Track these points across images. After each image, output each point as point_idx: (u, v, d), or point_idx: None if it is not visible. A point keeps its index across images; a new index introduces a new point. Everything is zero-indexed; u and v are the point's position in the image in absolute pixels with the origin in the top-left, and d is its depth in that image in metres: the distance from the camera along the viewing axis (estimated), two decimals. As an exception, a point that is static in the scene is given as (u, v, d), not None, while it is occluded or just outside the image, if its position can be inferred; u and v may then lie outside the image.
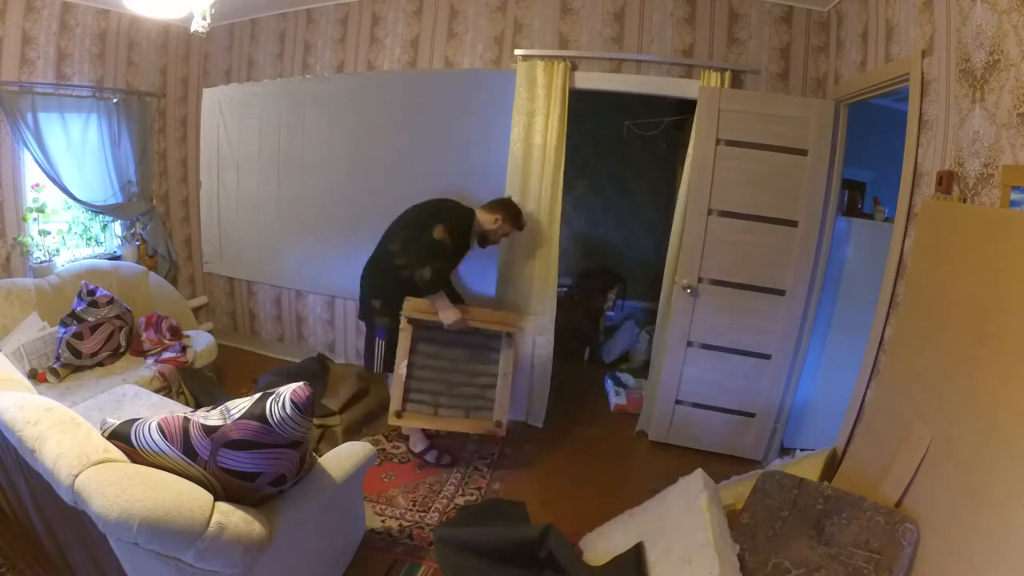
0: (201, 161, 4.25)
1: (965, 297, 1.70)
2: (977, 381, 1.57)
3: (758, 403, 3.19)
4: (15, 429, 1.52)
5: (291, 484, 1.67)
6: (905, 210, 2.22)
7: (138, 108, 3.81)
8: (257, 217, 4.15)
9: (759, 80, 3.13)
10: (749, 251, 3.05)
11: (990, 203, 1.69)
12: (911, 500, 1.72)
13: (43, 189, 3.37)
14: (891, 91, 2.47)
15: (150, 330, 3.29)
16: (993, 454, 1.44)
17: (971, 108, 1.80)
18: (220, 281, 4.45)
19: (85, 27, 3.44)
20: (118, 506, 1.28)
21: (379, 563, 2.25)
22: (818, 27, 3.06)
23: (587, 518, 2.64)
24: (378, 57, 3.63)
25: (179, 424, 1.53)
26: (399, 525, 2.50)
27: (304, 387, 1.59)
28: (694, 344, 3.21)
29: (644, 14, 3.17)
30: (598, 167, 5.65)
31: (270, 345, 4.37)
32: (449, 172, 3.59)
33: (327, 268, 4.02)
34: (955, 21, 1.89)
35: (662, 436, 3.36)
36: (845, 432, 2.43)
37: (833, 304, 3.12)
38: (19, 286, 3.04)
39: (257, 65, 3.97)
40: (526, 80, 3.24)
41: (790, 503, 1.90)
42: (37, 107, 3.21)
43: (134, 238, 3.96)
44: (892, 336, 2.18)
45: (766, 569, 1.69)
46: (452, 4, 3.44)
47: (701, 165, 3.03)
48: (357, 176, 3.81)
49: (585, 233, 5.78)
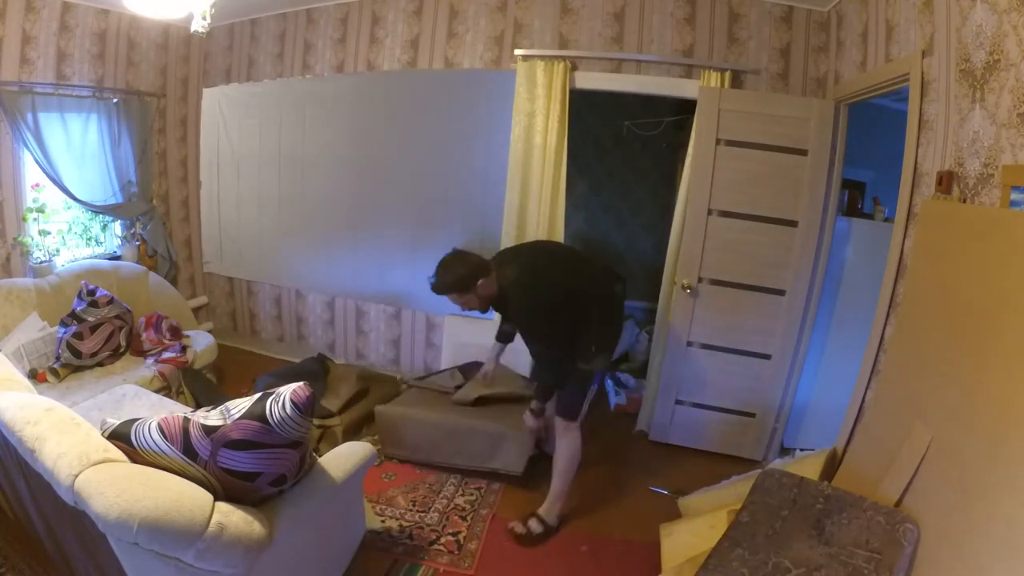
0: (201, 161, 4.25)
1: (965, 297, 1.70)
2: (977, 381, 1.57)
3: (758, 403, 3.19)
4: (15, 429, 1.52)
5: (291, 484, 1.67)
6: (905, 210, 2.22)
7: (138, 108, 3.81)
8: (257, 217, 4.15)
9: (759, 80, 3.13)
10: (749, 251, 3.05)
11: (990, 203, 1.69)
12: (911, 500, 1.72)
13: (43, 189, 3.37)
14: (891, 91, 2.47)
15: (150, 330, 3.29)
16: (993, 454, 1.44)
17: (971, 108, 1.79)
18: (220, 281, 4.45)
19: (85, 27, 3.44)
20: (118, 506, 1.27)
21: (379, 563, 2.25)
22: (818, 27, 3.06)
23: (587, 518, 2.65)
24: (378, 57, 3.63)
25: (179, 424, 1.53)
26: (399, 525, 2.50)
27: (304, 387, 1.59)
28: (694, 344, 3.21)
29: (644, 14, 3.17)
30: (598, 167, 5.64)
31: (270, 345, 4.37)
32: (449, 172, 3.59)
33: (327, 268, 4.02)
34: (955, 21, 1.89)
35: (662, 436, 3.36)
36: (845, 432, 2.42)
37: (833, 304, 3.12)
38: (19, 286, 3.04)
39: (257, 65, 3.97)
40: (526, 80, 3.24)
41: (790, 502, 1.89)
42: (37, 107, 3.21)
43: (134, 238, 3.96)
44: (892, 336, 2.18)
45: (766, 569, 1.69)
46: (452, 4, 3.44)
47: (701, 165, 3.03)
48: (357, 176, 3.81)
49: (585, 233, 5.77)
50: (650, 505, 2.78)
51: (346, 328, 4.10)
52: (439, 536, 2.45)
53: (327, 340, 4.16)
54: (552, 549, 2.45)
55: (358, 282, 3.97)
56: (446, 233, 3.66)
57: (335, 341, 4.15)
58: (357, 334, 4.08)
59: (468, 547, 2.40)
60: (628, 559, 2.40)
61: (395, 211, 3.77)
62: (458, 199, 3.61)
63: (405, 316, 3.92)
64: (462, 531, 2.49)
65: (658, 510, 2.68)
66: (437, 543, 2.41)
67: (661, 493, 2.87)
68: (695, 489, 2.69)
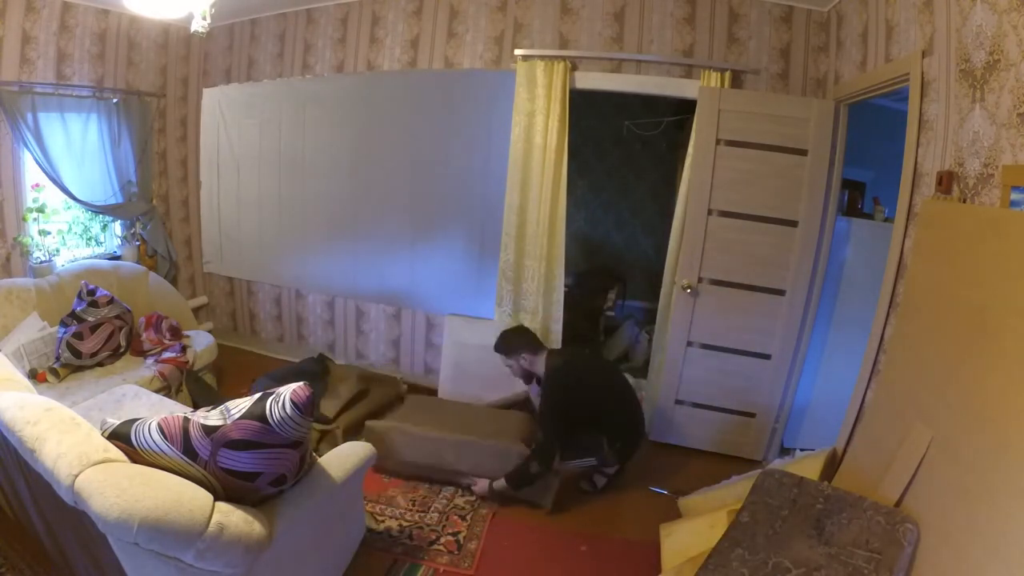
0: (201, 161, 4.25)
1: (965, 297, 1.70)
2: (977, 381, 1.57)
3: (758, 403, 3.19)
4: (15, 429, 1.52)
5: (291, 484, 1.67)
6: (905, 210, 2.22)
7: (138, 108, 3.81)
8: (257, 217, 4.15)
9: (759, 80, 3.13)
10: (749, 251, 3.05)
11: (990, 203, 1.69)
12: (911, 500, 1.72)
13: (43, 189, 3.37)
14: (891, 91, 2.47)
15: (150, 330, 3.29)
16: (993, 454, 1.44)
17: (971, 108, 1.79)
18: (220, 281, 4.45)
19: (85, 27, 3.44)
20: (118, 506, 1.28)
21: (379, 563, 2.26)
22: (818, 27, 3.06)
23: (587, 518, 2.65)
24: (378, 57, 3.63)
25: (179, 424, 1.53)
26: (399, 525, 2.50)
27: (304, 387, 1.59)
28: (694, 344, 3.21)
29: (644, 14, 3.17)
30: (598, 167, 5.65)
31: (270, 345, 4.37)
32: (449, 172, 3.59)
33: (327, 268, 4.02)
34: (955, 21, 1.89)
35: (662, 436, 3.36)
36: (845, 432, 2.42)
37: (833, 304, 3.12)
38: (19, 286, 3.04)
39: (257, 65, 3.97)
40: (526, 80, 3.24)
41: (790, 502, 1.89)
42: (37, 107, 3.21)
43: (134, 238, 3.96)
44: (892, 336, 2.18)
45: (766, 569, 1.69)
46: (452, 4, 3.44)
47: (701, 165, 3.03)
48: (357, 176, 3.81)
49: (585, 233, 5.78)
50: (650, 505, 2.78)
51: (346, 328, 4.10)
52: (439, 536, 2.45)
53: (327, 340, 4.16)
54: (552, 549, 2.45)
55: (358, 282, 3.97)
56: (446, 233, 3.66)
57: (335, 341, 4.15)
58: (357, 334, 4.08)
59: (468, 547, 2.40)
60: (628, 559, 2.40)
61: (395, 211, 3.76)
62: (458, 199, 3.61)
63: (405, 316, 3.92)
64: (462, 531, 2.49)
65: (658, 510, 2.69)
66: (437, 543, 2.41)
67: (661, 493, 2.87)
68: (695, 489, 2.69)
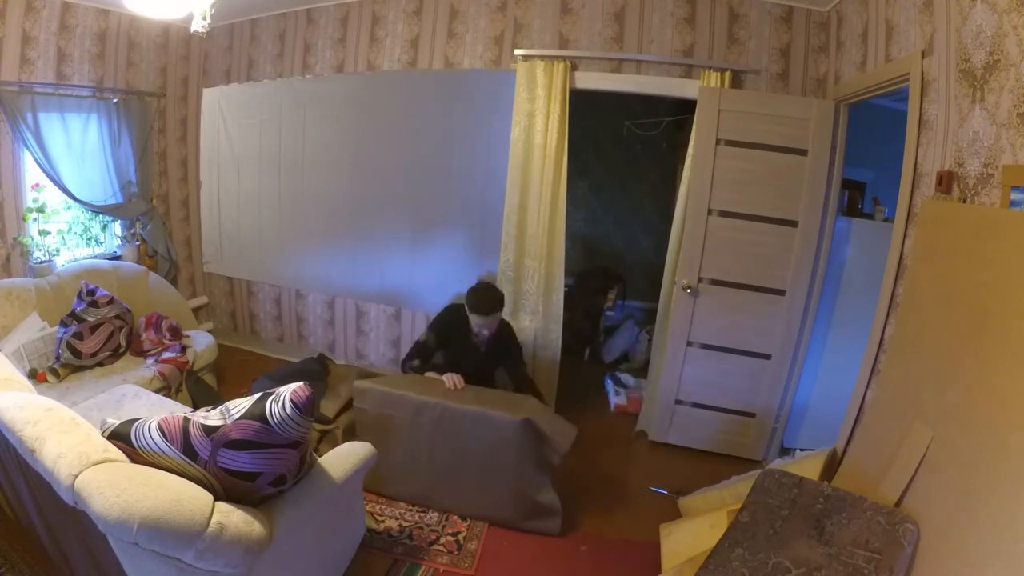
0: (201, 161, 4.25)
1: (965, 297, 1.70)
2: (978, 381, 1.57)
3: (758, 403, 3.19)
4: (15, 429, 1.52)
5: (291, 484, 1.67)
6: (905, 210, 2.22)
7: (138, 108, 3.81)
8: (257, 217, 4.15)
9: (759, 80, 3.13)
10: (749, 251, 3.05)
11: (990, 203, 1.69)
12: (911, 500, 1.72)
13: (43, 189, 3.37)
14: (891, 91, 2.47)
15: (150, 330, 3.29)
16: (993, 454, 1.44)
17: (971, 108, 1.80)
18: (220, 281, 4.45)
19: (85, 27, 3.44)
20: (118, 506, 1.28)
21: (379, 563, 2.26)
22: (818, 27, 3.06)
23: (587, 518, 2.65)
24: (378, 57, 3.63)
25: (179, 424, 1.53)
26: (399, 525, 2.50)
27: (304, 387, 1.59)
28: (694, 344, 3.21)
29: (644, 14, 3.17)
30: (598, 167, 5.65)
31: (270, 345, 4.37)
32: (449, 172, 3.59)
33: (327, 268, 4.02)
34: (955, 21, 1.89)
35: (662, 436, 3.36)
36: (845, 432, 2.43)
37: (833, 304, 3.12)
38: (19, 286, 3.04)
39: (257, 65, 3.97)
40: (526, 80, 3.24)
41: (790, 502, 1.89)
42: (37, 107, 3.21)
43: (134, 238, 3.96)
44: (892, 336, 2.18)
45: (766, 569, 1.69)
46: (452, 4, 3.44)
47: (701, 165, 3.03)
48: (357, 176, 3.81)
49: (585, 233, 5.78)
50: (650, 505, 2.78)
51: (346, 328, 4.10)
52: (439, 536, 2.45)
53: (327, 340, 4.16)
54: (552, 549, 2.45)
55: (358, 282, 3.97)
56: (446, 233, 3.66)
57: (335, 341, 4.15)
58: (357, 334, 4.08)
59: (468, 547, 2.40)
60: (628, 559, 2.40)
61: (395, 211, 3.76)
62: (458, 199, 3.61)
63: (405, 316, 3.92)
64: (462, 531, 2.49)
65: (658, 510, 2.69)
66: (437, 543, 2.41)
67: (661, 493, 2.87)
68: (695, 489, 2.69)
